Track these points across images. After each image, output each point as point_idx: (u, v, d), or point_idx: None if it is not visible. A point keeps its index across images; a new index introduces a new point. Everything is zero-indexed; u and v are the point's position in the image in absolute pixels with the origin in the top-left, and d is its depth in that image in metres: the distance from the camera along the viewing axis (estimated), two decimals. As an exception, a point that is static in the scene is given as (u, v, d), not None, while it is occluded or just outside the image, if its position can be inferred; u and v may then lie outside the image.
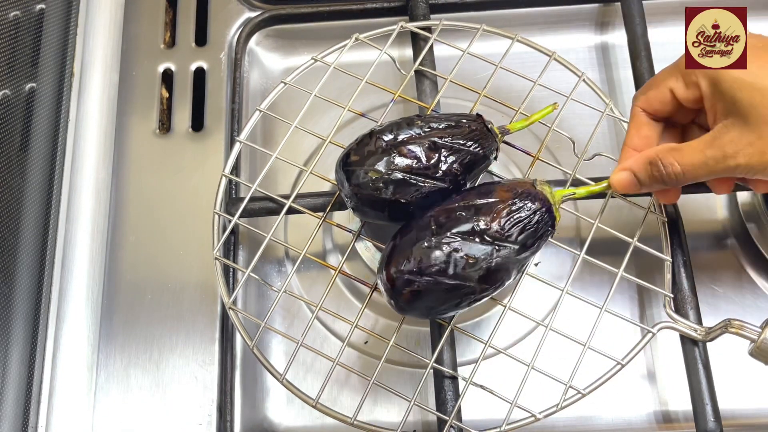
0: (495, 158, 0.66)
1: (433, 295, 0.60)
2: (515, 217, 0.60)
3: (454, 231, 0.60)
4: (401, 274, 0.60)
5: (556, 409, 0.64)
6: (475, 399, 0.67)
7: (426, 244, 0.59)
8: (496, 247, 0.60)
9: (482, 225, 0.60)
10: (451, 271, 0.59)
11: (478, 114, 0.66)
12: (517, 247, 0.60)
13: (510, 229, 0.60)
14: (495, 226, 0.60)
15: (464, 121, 0.64)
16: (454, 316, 0.66)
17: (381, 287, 0.62)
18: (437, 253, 0.59)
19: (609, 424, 0.74)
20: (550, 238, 0.63)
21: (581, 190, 0.66)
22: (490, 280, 0.60)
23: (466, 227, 0.60)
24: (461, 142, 0.63)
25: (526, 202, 0.61)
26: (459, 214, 0.60)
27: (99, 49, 0.87)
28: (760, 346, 0.63)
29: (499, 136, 0.66)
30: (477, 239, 0.59)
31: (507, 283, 0.62)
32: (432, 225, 0.60)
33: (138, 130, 0.85)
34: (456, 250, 0.59)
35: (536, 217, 0.61)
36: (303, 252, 0.68)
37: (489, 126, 0.65)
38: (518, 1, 0.88)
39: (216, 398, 0.74)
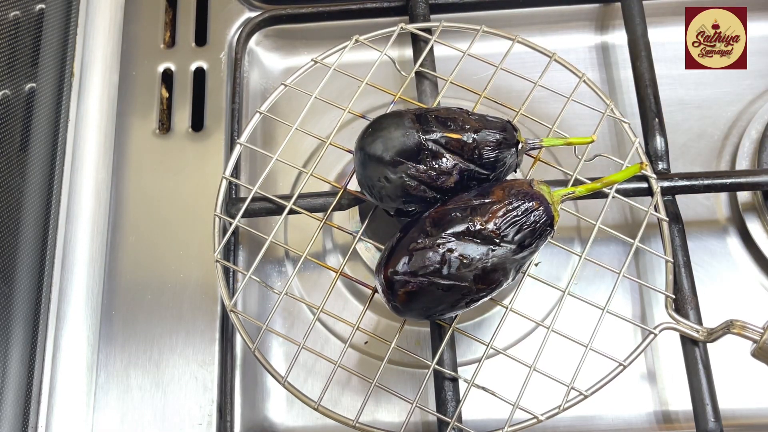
0: (515, 170, 0.66)
1: (429, 296, 0.60)
2: (511, 216, 0.60)
3: (449, 231, 0.59)
4: (396, 275, 0.60)
5: (558, 410, 0.64)
6: (476, 400, 0.67)
7: (421, 244, 0.60)
8: (492, 248, 0.60)
9: (477, 225, 0.60)
10: (445, 271, 0.59)
11: (508, 121, 0.65)
12: (513, 246, 0.60)
13: (506, 228, 0.60)
14: (490, 225, 0.60)
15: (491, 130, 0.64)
16: (454, 317, 0.66)
17: (378, 289, 0.62)
18: (431, 253, 0.59)
19: (609, 424, 0.74)
20: (550, 239, 0.63)
21: (581, 189, 0.65)
22: (486, 281, 0.60)
23: (461, 227, 0.60)
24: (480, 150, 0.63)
25: (523, 201, 0.61)
26: (454, 215, 0.60)
27: (99, 49, 0.87)
28: (762, 346, 0.63)
29: (522, 145, 0.65)
30: (472, 239, 0.59)
31: (505, 284, 0.62)
32: (427, 226, 0.60)
33: (138, 130, 0.85)
34: (450, 251, 0.59)
35: (533, 217, 0.61)
36: (304, 254, 0.68)
37: (516, 138, 0.65)
38: (518, 1, 0.88)
39: (216, 398, 0.74)
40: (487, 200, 0.61)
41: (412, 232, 0.61)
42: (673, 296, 0.68)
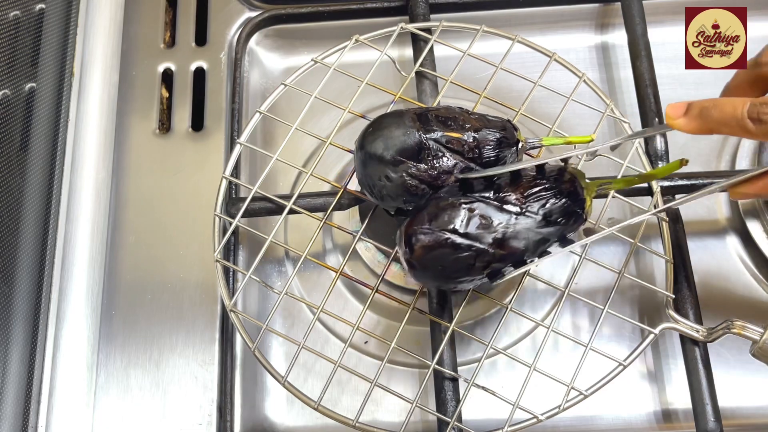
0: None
1: (446, 252, 0.59)
2: (541, 189, 0.60)
3: (476, 194, 0.60)
4: (417, 228, 0.60)
5: (558, 410, 0.64)
6: (476, 400, 0.67)
7: (445, 203, 0.60)
8: (516, 215, 0.59)
9: (505, 192, 0.60)
10: (464, 229, 0.59)
11: (508, 120, 0.65)
12: (538, 218, 0.60)
13: (533, 200, 0.60)
14: (518, 194, 0.60)
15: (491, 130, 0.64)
16: (454, 316, 0.66)
17: (397, 245, 0.62)
18: (454, 210, 0.59)
19: (609, 424, 0.74)
20: (581, 227, 0.63)
21: (619, 181, 0.65)
22: (505, 246, 0.60)
23: (488, 193, 0.60)
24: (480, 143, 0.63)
25: (555, 178, 0.61)
26: (484, 181, 0.61)
27: (99, 49, 0.87)
28: (762, 346, 0.63)
29: (522, 144, 0.65)
30: (496, 204, 0.59)
31: (525, 258, 0.61)
32: (456, 190, 0.61)
33: (138, 130, 0.85)
34: (472, 210, 0.59)
35: (563, 194, 0.61)
36: (304, 254, 0.68)
37: (516, 137, 0.65)
38: (518, 1, 0.88)
39: (216, 398, 0.74)
40: (519, 172, 0.61)
41: (441, 192, 0.61)
42: (673, 296, 0.68)
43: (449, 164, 0.62)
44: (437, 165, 0.62)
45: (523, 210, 0.60)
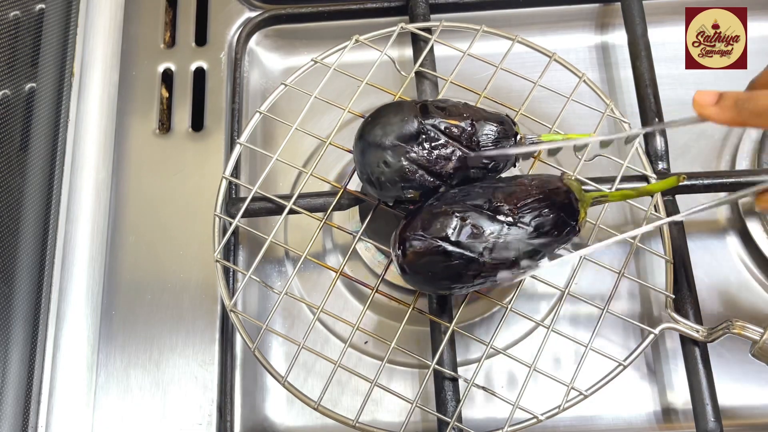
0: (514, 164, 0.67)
1: (437, 259, 0.60)
2: (533, 200, 0.61)
3: (468, 203, 0.60)
4: (410, 234, 0.60)
5: (558, 410, 0.64)
6: (476, 400, 0.67)
7: (438, 210, 0.60)
8: (507, 226, 0.60)
9: (497, 202, 0.60)
10: (456, 237, 0.59)
11: (506, 114, 0.66)
12: (530, 230, 0.60)
13: (525, 211, 0.60)
14: (510, 205, 0.60)
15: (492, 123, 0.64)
16: (454, 316, 0.66)
17: (391, 248, 0.62)
18: (446, 218, 0.60)
19: (609, 424, 0.74)
20: (574, 237, 0.63)
21: (615, 194, 0.65)
22: (495, 256, 0.60)
23: (480, 200, 0.60)
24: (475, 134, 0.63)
25: (549, 189, 0.62)
26: (477, 191, 0.61)
27: (99, 49, 0.87)
28: (762, 346, 0.63)
29: (521, 138, 0.65)
30: (489, 213, 0.60)
31: (516, 270, 0.62)
32: (450, 197, 0.61)
33: (138, 130, 0.85)
34: (464, 219, 0.59)
35: (555, 206, 0.61)
36: (304, 254, 0.68)
37: (514, 129, 0.65)
38: (518, 1, 0.88)
39: (216, 398, 0.74)
40: (513, 182, 0.62)
41: (435, 199, 0.62)
42: (673, 296, 0.68)
43: (447, 151, 0.62)
44: (435, 150, 0.62)
45: (516, 221, 0.60)
